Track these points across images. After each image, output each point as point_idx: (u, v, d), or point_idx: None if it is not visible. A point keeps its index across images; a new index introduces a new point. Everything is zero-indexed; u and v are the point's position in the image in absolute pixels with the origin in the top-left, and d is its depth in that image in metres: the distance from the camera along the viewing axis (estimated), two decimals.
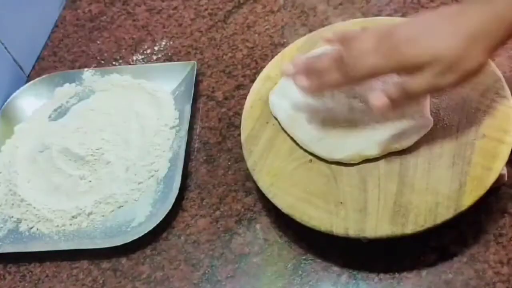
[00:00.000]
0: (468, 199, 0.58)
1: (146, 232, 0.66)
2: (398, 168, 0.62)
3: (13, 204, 0.72)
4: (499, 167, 0.59)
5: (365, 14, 0.81)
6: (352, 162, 0.63)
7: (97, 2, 0.97)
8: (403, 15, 0.79)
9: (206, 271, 0.64)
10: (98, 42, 0.91)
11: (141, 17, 0.93)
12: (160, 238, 0.68)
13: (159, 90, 0.80)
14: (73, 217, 0.70)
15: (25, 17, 0.89)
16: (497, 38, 0.55)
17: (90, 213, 0.70)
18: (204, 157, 0.73)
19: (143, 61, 0.87)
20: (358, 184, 0.62)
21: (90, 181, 0.72)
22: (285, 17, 0.86)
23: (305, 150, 0.65)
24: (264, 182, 0.64)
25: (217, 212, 0.68)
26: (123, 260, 0.67)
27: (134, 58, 0.87)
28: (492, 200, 0.60)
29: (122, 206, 0.70)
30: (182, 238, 0.67)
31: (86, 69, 0.85)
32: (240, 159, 0.71)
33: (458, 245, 0.60)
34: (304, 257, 0.62)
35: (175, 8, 0.92)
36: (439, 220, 0.57)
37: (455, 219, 0.57)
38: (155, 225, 0.66)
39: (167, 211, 0.67)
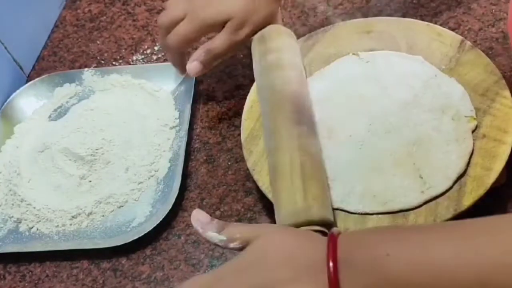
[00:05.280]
0: (468, 199, 0.58)
1: (146, 232, 0.66)
2: None
3: (13, 204, 0.72)
4: (499, 168, 0.59)
5: (365, 14, 0.81)
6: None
7: (97, 2, 0.97)
8: (403, 15, 0.79)
9: (206, 271, 0.64)
10: (98, 42, 0.91)
11: (141, 17, 0.93)
12: (160, 238, 0.68)
13: (159, 90, 0.80)
14: (73, 217, 0.70)
15: (25, 17, 0.89)
16: None
17: (90, 213, 0.70)
18: (204, 157, 0.73)
19: (143, 61, 0.87)
20: None
21: (90, 181, 0.72)
22: (285, 17, 0.86)
23: None
24: (264, 182, 0.64)
25: (217, 212, 0.68)
26: (123, 260, 0.67)
27: (134, 58, 0.87)
28: (492, 200, 0.60)
29: (122, 206, 0.70)
30: (182, 238, 0.67)
31: (86, 69, 0.85)
32: (240, 159, 0.71)
33: None
34: None
35: None
36: (439, 220, 0.57)
37: (455, 219, 0.57)
38: (155, 225, 0.66)
39: (167, 211, 0.67)
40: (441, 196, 0.59)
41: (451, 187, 0.59)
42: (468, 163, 0.60)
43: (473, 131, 0.63)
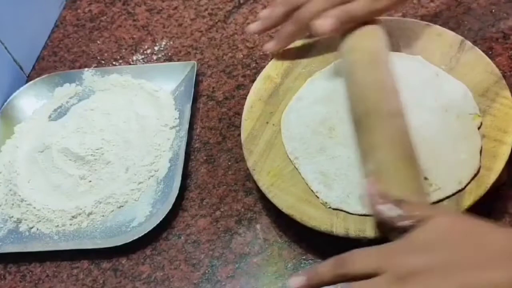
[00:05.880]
0: (468, 199, 0.58)
1: (146, 232, 0.66)
2: None
3: (13, 204, 0.72)
4: (499, 168, 0.59)
5: None
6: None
7: (97, 2, 0.97)
8: (403, 15, 0.79)
9: (206, 271, 0.64)
10: (98, 42, 0.91)
11: (141, 17, 0.93)
12: (160, 238, 0.68)
13: (159, 90, 0.80)
14: (73, 217, 0.70)
15: (25, 17, 0.89)
16: None
17: (90, 213, 0.70)
18: (204, 157, 0.73)
19: (143, 61, 0.87)
20: None
21: (90, 181, 0.72)
22: None
23: None
24: (264, 182, 0.64)
25: (217, 212, 0.68)
26: (123, 260, 0.67)
27: (134, 58, 0.87)
28: (492, 200, 0.60)
29: (122, 206, 0.70)
30: (182, 238, 0.67)
31: (86, 69, 0.85)
32: (240, 159, 0.71)
33: None
34: (304, 257, 0.62)
35: (175, 8, 0.92)
36: None
37: None
38: (155, 225, 0.66)
39: (167, 211, 0.67)
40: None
41: (463, 189, 0.59)
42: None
43: (478, 128, 0.62)
